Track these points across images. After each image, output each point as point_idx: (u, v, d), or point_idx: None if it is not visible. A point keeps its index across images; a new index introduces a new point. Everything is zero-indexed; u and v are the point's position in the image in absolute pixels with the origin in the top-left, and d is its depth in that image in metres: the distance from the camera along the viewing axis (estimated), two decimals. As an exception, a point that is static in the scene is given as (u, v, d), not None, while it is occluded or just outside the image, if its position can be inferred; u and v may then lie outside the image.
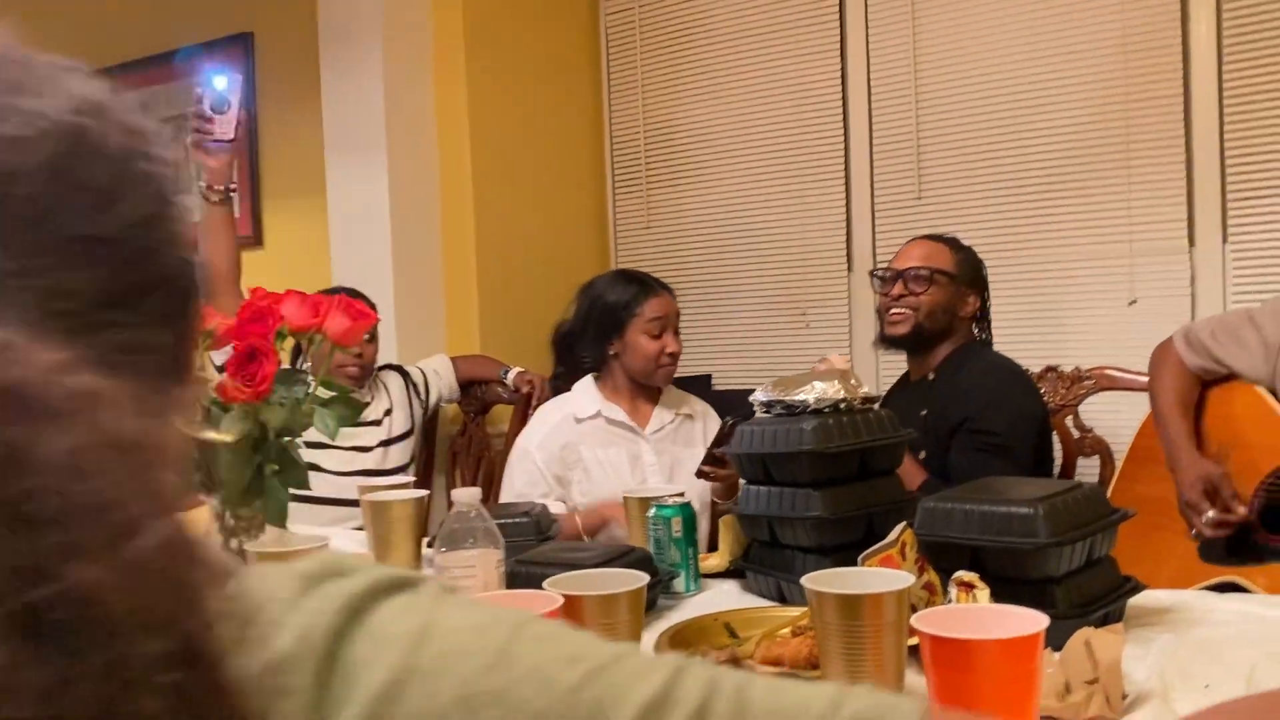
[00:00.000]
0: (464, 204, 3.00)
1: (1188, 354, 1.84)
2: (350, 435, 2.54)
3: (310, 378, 1.49)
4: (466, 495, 1.13)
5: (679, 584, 1.45)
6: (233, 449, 1.39)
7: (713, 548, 1.64)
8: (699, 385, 2.82)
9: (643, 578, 1.05)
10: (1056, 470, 2.25)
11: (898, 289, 2.13)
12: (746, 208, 3.24)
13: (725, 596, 1.45)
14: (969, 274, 2.18)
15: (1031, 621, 0.84)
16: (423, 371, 2.75)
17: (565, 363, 2.32)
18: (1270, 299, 1.82)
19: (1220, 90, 2.57)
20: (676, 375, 3.04)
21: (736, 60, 3.22)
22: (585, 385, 2.23)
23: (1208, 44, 2.58)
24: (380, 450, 2.57)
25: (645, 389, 2.20)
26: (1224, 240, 2.58)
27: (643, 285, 2.19)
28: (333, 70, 2.95)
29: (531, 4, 3.21)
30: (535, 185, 3.21)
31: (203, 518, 1.47)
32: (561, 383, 2.32)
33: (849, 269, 3.09)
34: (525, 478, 2.10)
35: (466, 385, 2.84)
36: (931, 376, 2.14)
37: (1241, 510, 1.63)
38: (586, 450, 2.12)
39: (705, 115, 3.29)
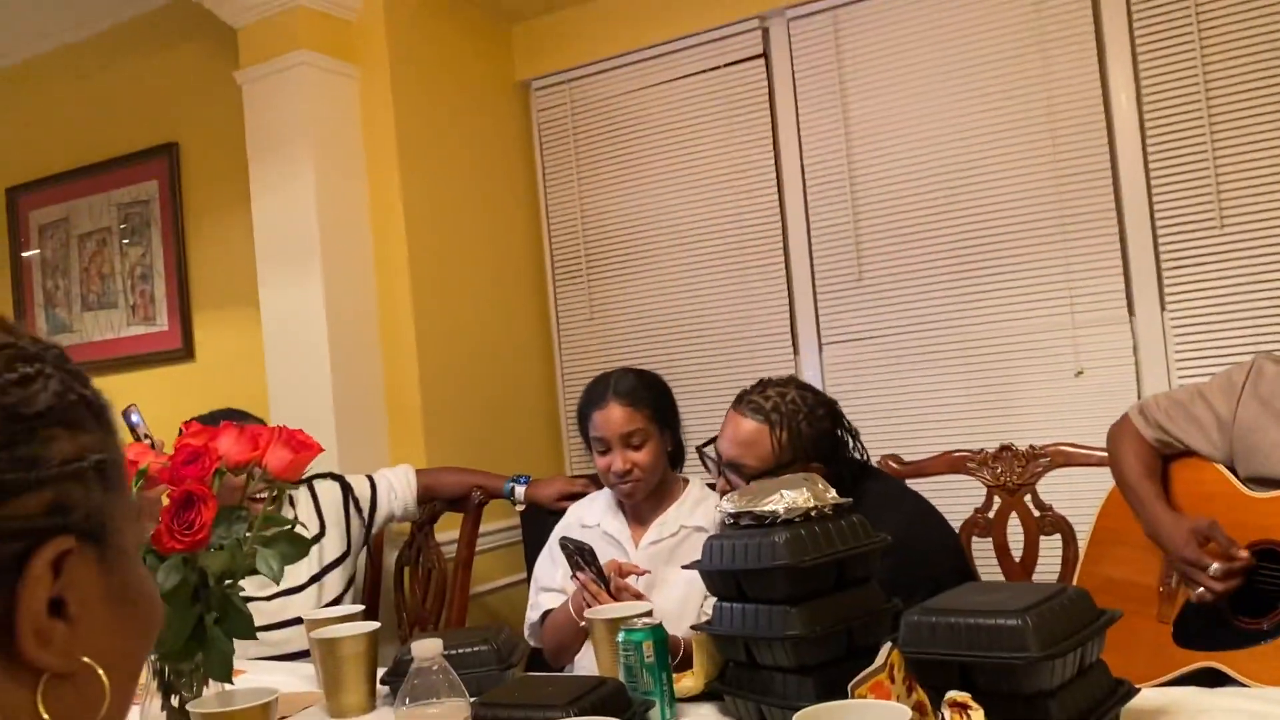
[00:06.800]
0: (402, 308, 2.93)
1: (1145, 429, 1.83)
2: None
3: (249, 514, 1.41)
4: (427, 648, 1.05)
5: (654, 713, 1.37)
6: (170, 599, 1.29)
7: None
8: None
9: (622, 728, 0.98)
10: (1020, 551, 2.23)
11: (722, 483, 1.93)
12: (689, 295, 3.23)
13: (703, 723, 1.38)
14: (802, 446, 1.84)
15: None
16: (372, 483, 2.50)
17: None
18: (1219, 373, 1.83)
19: (1145, 160, 2.63)
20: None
21: (670, 150, 3.24)
22: (604, 491, 2.17)
23: (1129, 116, 2.65)
24: (314, 588, 2.29)
25: (643, 499, 2.08)
26: (1162, 308, 2.62)
27: (589, 397, 2.07)
28: (262, 179, 2.89)
29: (463, 102, 3.20)
30: (474, 284, 3.17)
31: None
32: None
33: (795, 352, 3.08)
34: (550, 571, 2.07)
35: (429, 500, 2.60)
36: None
37: (1244, 554, 1.58)
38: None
39: (643, 205, 3.29)
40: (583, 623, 1.94)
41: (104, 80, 3.51)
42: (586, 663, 1.97)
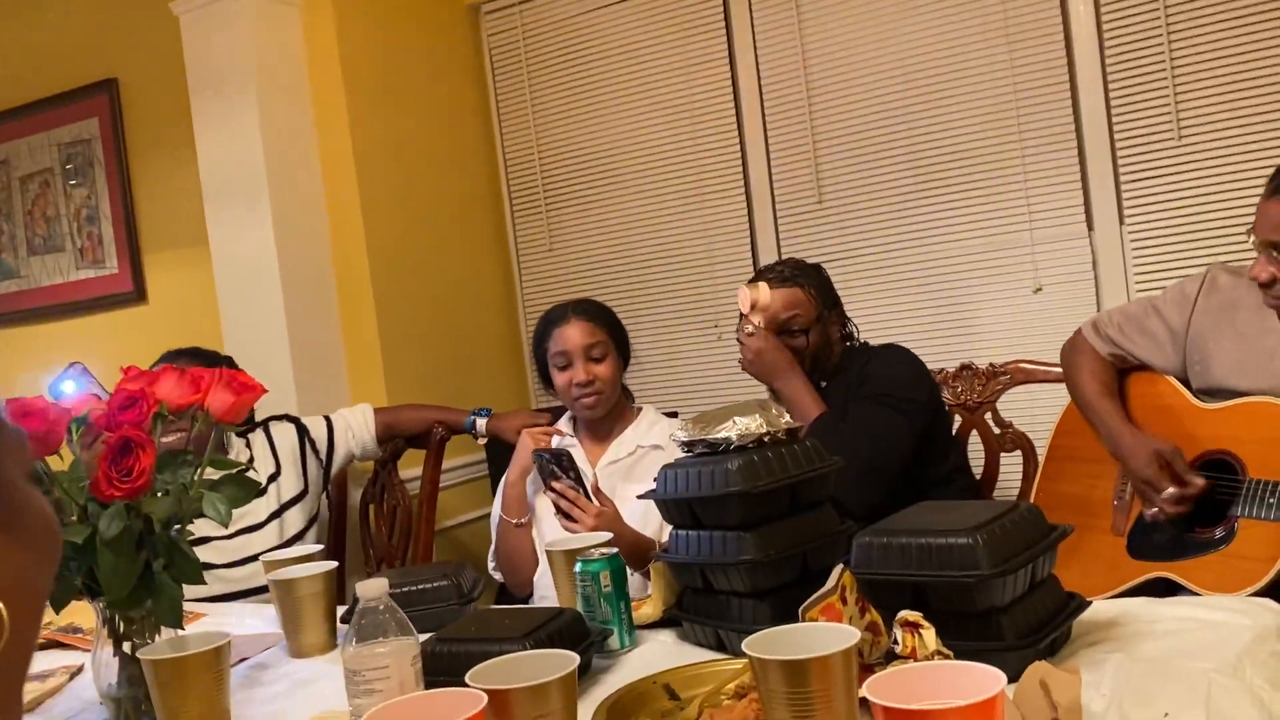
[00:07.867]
0: (355, 244, 2.87)
1: (1099, 343, 1.83)
2: (236, 516, 2.34)
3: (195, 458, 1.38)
4: (372, 589, 1.03)
5: (613, 641, 1.37)
6: (113, 546, 1.27)
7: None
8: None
9: (572, 659, 0.98)
10: (980, 468, 2.25)
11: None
12: (649, 223, 3.19)
13: (662, 649, 1.38)
14: (825, 295, 2.15)
15: (989, 681, 0.79)
16: (329, 424, 2.49)
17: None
18: (1172, 285, 1.82)
19: (1104, 74, 2.60)
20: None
21: (625, 75, 3.17)
22: (563, 420, 2.20)
23: (1088, 28, 2.61)
24: (274, 524, 2.28)
25: (600, 420, 2.11)
26: (1121, 222, 2.61)
27: (549, 320, 2.12)
28: (205, 115, 2.80)
29: (410, 28, 3.10)
30: (429, 216, 3.10)
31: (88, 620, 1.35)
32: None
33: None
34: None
35: (390, 439, 2.59)
36: (824, 384, 2.14)
37: (1200, 482, 1.60)
38: (539, 496, 2.05)
39: (599, 133, 3.22)
40: (518, 524, 2.07)
41: (37, 14, 3.37)
42: (551, 596, 1.99)
